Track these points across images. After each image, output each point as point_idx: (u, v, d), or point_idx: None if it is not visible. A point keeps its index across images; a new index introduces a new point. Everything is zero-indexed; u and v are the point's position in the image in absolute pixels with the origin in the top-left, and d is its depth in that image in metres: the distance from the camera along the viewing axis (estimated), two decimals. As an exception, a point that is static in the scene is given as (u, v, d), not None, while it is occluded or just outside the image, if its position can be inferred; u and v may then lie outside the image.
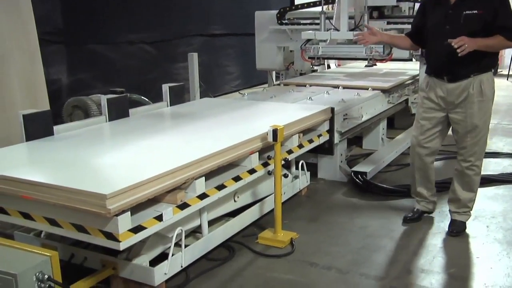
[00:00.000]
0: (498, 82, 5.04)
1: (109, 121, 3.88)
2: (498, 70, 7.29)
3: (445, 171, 3.83)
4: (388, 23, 5.61)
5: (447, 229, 3.55)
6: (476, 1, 3.18)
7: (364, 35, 3.65)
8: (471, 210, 3.57)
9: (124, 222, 2.38)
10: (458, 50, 3.09)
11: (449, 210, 3.63)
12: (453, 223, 3.56)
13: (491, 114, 3.39)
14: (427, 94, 3.46)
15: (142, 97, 5.37)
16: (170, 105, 4.49)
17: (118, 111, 3.95)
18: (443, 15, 3.28)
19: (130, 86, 6.22)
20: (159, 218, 2.59)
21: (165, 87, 4.51)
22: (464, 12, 3.19)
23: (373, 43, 3.74)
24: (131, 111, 4.12)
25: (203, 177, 2.89)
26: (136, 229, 2.46)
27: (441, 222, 3.67)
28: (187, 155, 2.87)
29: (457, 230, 3.50)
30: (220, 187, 3.04)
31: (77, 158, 2.93)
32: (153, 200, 2.63)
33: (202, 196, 2.89)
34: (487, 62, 3.31)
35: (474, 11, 3.17)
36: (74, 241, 2.85)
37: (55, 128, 3.50)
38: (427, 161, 3.58)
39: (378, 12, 5.82)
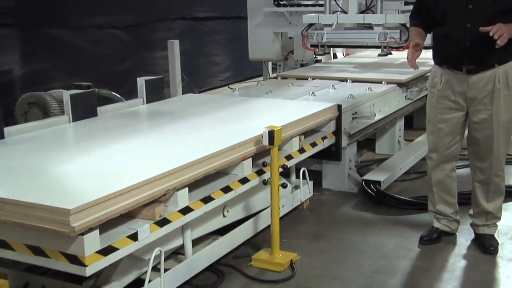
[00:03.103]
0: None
1: (73, 121, 3.86)
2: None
3: (462, 180, 3.87)
4: (406, 3, 5.64)
5: (475, 248, 3.57)
6: None
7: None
8: (500, 218, 3.62)
9: (92, 242, 2.37)
10: (498, 42, 3.08)
11: (473, 225, 3.66)
12: (482, 238, 3.59)
13: None
14: (442, 91, 3.45)
15: (113, 92, 5.36)
16: (147, 102, 4.48)
17: (84, 110, 3.93)
18: None
19: (98, 80, 6.22)
20: (134, 237, 2.58)
21: (141, 81, 4.51)
22: None
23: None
24: (99, 109, 4.10)
25: (186, 188, 2.88)
26: (106, 251, 2.44)
27: (465, 241, 3.68)
28: (167, 162, 2.86)
29: (494, 246, 3.52)
30: (207, 199, 3.03)
31: (33, 166, 2.91)
32: (127, 216, 2.62)
33: (185, 211, 2.88)
34: None
35: None
36: (29, 266, 2.82)
37: (6, 130, 3.47)
38: (447, 170, 3.59)
39: (394, -10, 5.85)
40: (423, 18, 3.54)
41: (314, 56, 6.73)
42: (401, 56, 6.69)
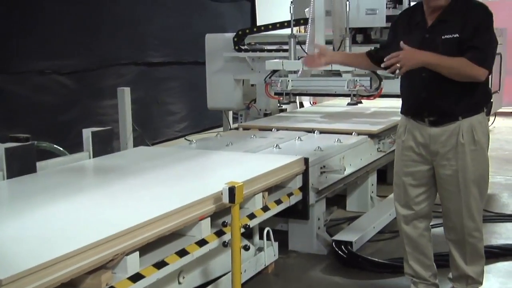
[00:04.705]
0: None
1: (7, 178, 3.81)
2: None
3: (441, 240, 3.92)
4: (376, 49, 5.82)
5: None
6: (458, 22, 3.32)
7: (308, 58, 3.82)
8: (482, 283, 3.64)
9: (27, 317, 2.31)
10: (388, 71, 3.23)
11: None
12: None
13: (489, 164, 3.50)
14: (406, 142, 3.55)
15: (55, 145, 5.32)
16: (93, 157, 4.46)
17: (21, 165, 3.89)
18: (418, 40, 3.40)
19: (38, 131, 6.16)
20: (76, 309, 2.53)
21: (87, 132, 4.50)
22: (443, 37, 3.32)
23: (322, 65, 3.92)
24: (39, 164, 4.07)
25: (137, 252, 2.85)
26: (44, 326, 2.38)
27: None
28: (116, 223, 2.84)
29: None
30: (160, 264, 3.00)
31: (-37, 229, 2.84)
32: (69, 285, 2.56)
33: (136, 278, 2.84)
34: (479, 99, 3.43)
35: (455, 35, 3.30)
36: None
37: None
38: (421, 228, 3.64)
39: (363, 36, 6.06)
40: (373, 57, 3.78)
41: (278, 105, 6.84)
42: (372, 105, 6.88)
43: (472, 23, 3.29)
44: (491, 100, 3.58)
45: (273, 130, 5.65)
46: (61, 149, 5.22)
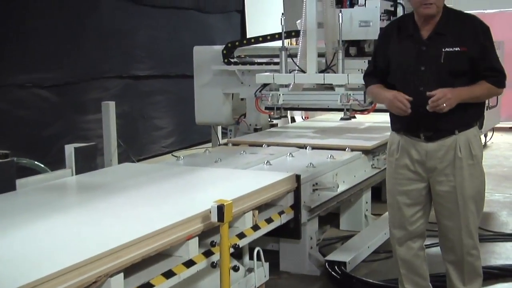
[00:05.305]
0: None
1: (-14, 196, 3.79)
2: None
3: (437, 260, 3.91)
4: (370, 62, 5.85)
5: None
6: (457, 35, 3.37)
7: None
8: None
9: None
10: (430, 107, 3.23)
11: None
12: None
13: (485, 179, 3.52)
14: (400, 160, 3.55)
15: (36, 162, 5.30)
16: (76, 174, 4.45)
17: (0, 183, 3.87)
18: (413, 52, 3.44)
19: (18, 147, 6.13)
20: (57, 334, 2.50)
21: (69, 148, 4.49)
22: (444, 49, 3.35)
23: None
24: (18, 182, 4.05)
25: (121, 274, 2.83)
26: None
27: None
28: (99, 243, 2.83)
29: None
30: (146, 286, 2.98)
31: None
32: (49, 308, 2.55)
33: (119, 301, 2.83)
34: (473, 114, 3.48)
35: (456, 48, 3.34)
36: None
37: None
38: (415, 249, 3.64)
39: (356, 48, 6.09)
40: (379, 78, 3.70)
41: (269, 120, 6.85)
42: (366, 120, 6.91)
43: (475, 37, 3.36)
44: (484, 114, 3.61)
45: (263, 146, 5.65)
46: (42, 165, 5.23)
